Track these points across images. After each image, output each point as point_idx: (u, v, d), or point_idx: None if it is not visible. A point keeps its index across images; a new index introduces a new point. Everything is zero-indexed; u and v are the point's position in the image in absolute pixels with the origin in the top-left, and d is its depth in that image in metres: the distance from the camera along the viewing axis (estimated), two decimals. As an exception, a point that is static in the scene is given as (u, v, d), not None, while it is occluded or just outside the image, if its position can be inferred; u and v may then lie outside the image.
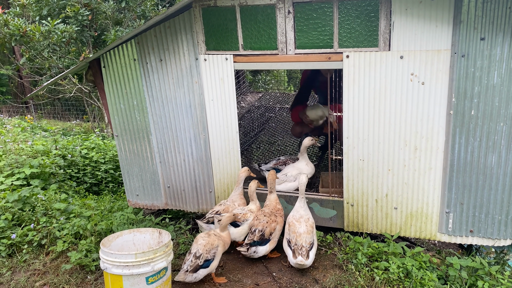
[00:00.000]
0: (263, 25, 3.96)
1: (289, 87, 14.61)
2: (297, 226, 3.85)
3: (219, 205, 4.34)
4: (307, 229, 3.83)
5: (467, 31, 3.43)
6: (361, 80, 3.83)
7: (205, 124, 4.47)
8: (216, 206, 4.35)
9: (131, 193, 5.09)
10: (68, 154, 6.84)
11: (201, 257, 3.57)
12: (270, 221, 4.01)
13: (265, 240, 3.98)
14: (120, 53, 4.49)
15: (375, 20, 3.64)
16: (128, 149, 4.90)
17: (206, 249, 3.60)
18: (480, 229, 3.93)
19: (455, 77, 3.56)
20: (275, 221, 4.03)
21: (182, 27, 4.18)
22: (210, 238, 3.68)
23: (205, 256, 3.58)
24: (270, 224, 4.00)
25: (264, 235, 3.96)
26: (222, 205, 4.33)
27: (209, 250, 3.61)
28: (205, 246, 3.62)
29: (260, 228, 3.97)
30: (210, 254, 3.61)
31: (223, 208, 4.28)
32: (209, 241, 3.65)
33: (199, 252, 3.59)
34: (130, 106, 4.68)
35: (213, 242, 3.67)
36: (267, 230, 3.97)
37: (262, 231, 3.96)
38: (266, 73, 14.20)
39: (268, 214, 4.06)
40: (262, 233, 3.95)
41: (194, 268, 3.55)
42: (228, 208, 4.27)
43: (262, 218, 4.04)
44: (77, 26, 9.05)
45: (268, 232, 3.97)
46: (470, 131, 3.67)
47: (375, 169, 4.07)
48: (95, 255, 4.05)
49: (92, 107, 12.32)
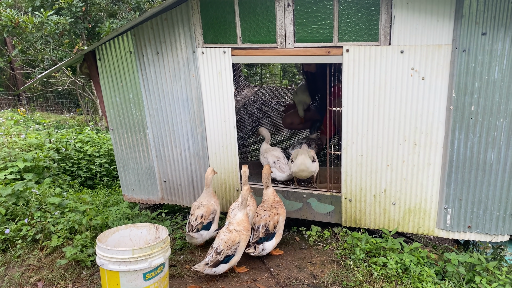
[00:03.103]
0: (262, 18, 3.90)
1: (284, 81, 14.54)
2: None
3: (198, 209, 4.14)
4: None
5: (468, 25, 3.40)
6: (360, 75, 3.79)
7: (202, 118, 4.42)
8: (196, 210, 4.14)
9: (127, 187, 5.04)
10: (62, 147, 6.76)
11: (221, 253, 3.57)
12: (272, 214, 3.98)
13: (271, 234, 3.95)
14: (116, 46, 4.42)
15: (376, 13, 3.60)
16: (123, 143, 4.83)
17: (227, 245, 3.59)
18: (478, 225, 3.93)
19: (455, 72, 3.53)
20: (277, 214, 4.01)
21: (179, 19, 4.11)
22: (232, 234, 3.65)
23: (226, 252, 3.58)
24: (273, 217, 3.97)
25: (269, 230, 3.93)
26: (201, 207, 4.16)
27: (230, 247, 3.60)
28: (226, 242, 3.60)
29: (263, 223, 3.93)
30: (231, 250, 3.60)
31: (205, 210, 4.12)
32: (230, 237, 3.63)
33: (220, 248, 3.58)
34: (126, 100, 4.61)
35: (235, 239, 3.64)
36: (270, 224, 3.93)
37: (266, 226, 3.92)
38: (262, 67, 14.13)
39: (269, 208, 4.03)
40: (266, 228, 3.92)
41: (215, 263, 3.55)
42: (209, 208, 4.14)
43: (263, 213, 4.00)
44: (70, 18, 8.91)
45: (272, 225, 3.95)
46: (470, 127, 3.65)
47: (373, 164, 4.04)
48: (90, 250, 4.00)
49: (85, 100, 12.19)
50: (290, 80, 14.66)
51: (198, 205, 4.20)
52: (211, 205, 4.17)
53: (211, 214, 4.14)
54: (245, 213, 3.82)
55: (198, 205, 4.19)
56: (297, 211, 4.50)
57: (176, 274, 3.82)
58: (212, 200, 4.23)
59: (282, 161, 4.73)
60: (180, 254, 4.18)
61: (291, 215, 4.55)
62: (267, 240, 3.94)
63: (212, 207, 4.18)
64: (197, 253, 4.20)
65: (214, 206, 4.19)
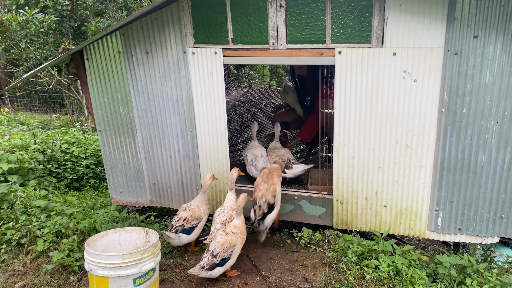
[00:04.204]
0: (254, 19, 3.86)
1: (272, 82, 14.53)
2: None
3: (184, 211, 4.08)
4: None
5: (460, 28, 3.40)
6: (353, 77, 3.78)
7: (192, 119, 4.35)
8: (181, 212, 4.08)
9: (115, 190, 4.94)
10: (48, 148, 6.61)
11: (218, 256, 3.52)
12: (268, 185, 4.02)
13: (271, 206, 3.99)
14: (104, 45, 4.33)
15: (369, 15, 3.58)
16: (111, 145, 4.74)
17: (223, 248, 3.55)
18: (469, 227, 3.94)
19: (447, 75, 3.54)
20: (273, 184, 4.04)
21: (169, 19, 4.04)
22: (229, 237, 3.60)
23: (222, 255, 3.53)
24: (270, 186, 4.02)
25: (269, 202, 3.96)
26: (188, 210, 4.08)
27: (226, 249, 3.55)
28: (223, 245, 3.56)
29: (264, 200, 3.97)
30: (227, 253, 3.56)
31: (190, 214, 4.05)
32: (227, 240, 3.58)
33: (216, 250, 3.53)
34: (114, 100, 4.52)
35: (231, 241, 3.60)
36: (269, 196, 3.98)
37: (267, 200, 3.96)
38: (250, 68, 14.09)
39: (265, 181, 4.07)
40: (267, 202, 3.96)
41: (211, 266, 3.50)
42: (195, 213, 4.06)
43: (262, 186, 4.03)
44: (56, 16, 8.75)
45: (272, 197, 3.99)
46: (462, 129, 3.66)
47: (365, 166, 4.03)
48: (78, 254, 3.90)
49: (70, 100, 11.98)
50: (278, 81, 14.66)
51: (186, 207, 4.13)
52: (197, 211, 4.09)
53: (195, 220, 4.05)
54: (242, 219, 3.80)
55: (186, 207, 4.13)
56: (288, 214, 4.47)
57: (166, 279, 3.75)
58: (202, 207, 4.14)
59: (259, 160, 4.70)
60: (169, 258, 4.11)
61: (283, 218, 4.52)
62: (269, 213, 4.00)
63: (199, 213, 4.09)
64: (187, 256, 4.14)
65: (201, 213, 4.10)
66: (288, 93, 6.09)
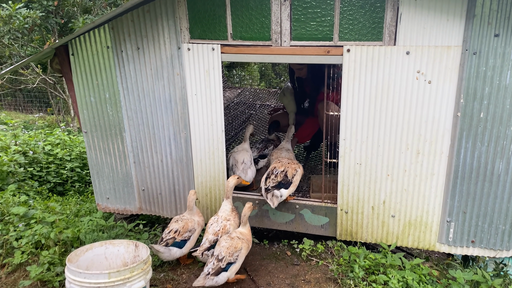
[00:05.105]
0: (256, 13, 3.55)
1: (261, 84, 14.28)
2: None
3: (175, 222, 3.73)
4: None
5: (480, 26, 3.14)
6: (362, 77, 3.50)
7: (186, 121, 4.03)
8: (173, 224, 3.74)
9: (101, 196, 4.58)
10: (30, 150, 6.21)
11: (223, 260, 3.29)
12: (290, 162, 4.03)
13: (289, 182, 3.91)
14: (92, 40, 3.98)
15: (381, 11, 3.31)
16: (98, 147, 4.39)
17: (229, 251, 3.33)
18: (483, 240, 3.68)
19: (464, 76, 3.28)
20: (295, 169, 3.98)
21: (163, 11, 3.72)
22: (234, 241, 3.40)
23: (228, 259, 3.32)
24: (291, 165, 3.98)
25: (287, 176, 3.90)
26: (179, 221, 3.75)
27: (232, 253, 3.34)
28: (228, 248, 3.34)
29: (282, 169, 3.91)
30: (233, 257, 3.35)
31: (182, 225, 3.70)
32: (232, 244, 3.38)
33: (222, 254, 3.31)
34: (101, 99, 4.18)
35: (237, 245, 3.39)
36: (289, 170, 3.92)
37: (285, 171, 3.90)
38: (242, 69, 13.83)
39: (287, 161, 4.05)
40: (285, 174, 3.90)
41: (216, 271, 3.25)
42: (188, 224, 3.72)
43: (284, 161, 4.04)
44: (41, 12, 8.35)
45: (291, 173, 3.93)
46: (478, 135, 3.40)
47: (373, 174, 3.75)
48: (59, 268, 3.54)
49: (57, 99, 11.55)
50: (267, 83, 14.42)
51: (178, 218, 3.79)
52: (190, 222, 3.74)
53: (188, 232, 3.70)
54: (248, 227, 3.61)
55: (178, 218, 3.78)
56: (288, 223, 4.17)
57: (157, 296, 3.42)
58: (195, 218, 3.81)
59: (238, 166, 4.38)
60: (160, 272, 3.77)
61: (282, 227, 4.21)
62: (285, 187, 3.88)
63: (192, 224, 3.74)
64: (179, 270, 3.81)
65: (194, 225, 3.76)
66: (285, 95, 5.81)
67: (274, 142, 5.18)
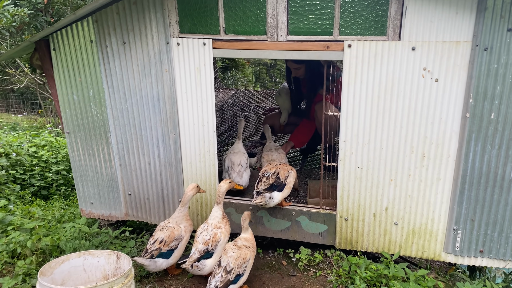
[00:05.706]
0: (250, 5, 3.31)
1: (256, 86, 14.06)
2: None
3: (160, 231, 3.44)
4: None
5: (492, 20, 2.91)
6: (364, 75, 3.26)
7: (176, 121, 3.77)
8: (157, 233, 3.45)
9: (85, 201, 4.31)
10: (13, 152, 5.92)
11: (232, 271, 3.04)
12: (282, 164, 3.87)
13: (282, 184, 3.70)
14: (74, 33, 3.72)
15: (385, 3, 3.07)
16: (81, 149, 4.12)
17: (238, 263, 3.09)
18: (492, 249, 3.44)
19: (474, 74, 3.05)
20: (287, 171, 3.81)
21: (150, 3, 3.47)
22: (242, 251, 3.16)
23: (237, 271, 3.07)
24: (284, 166, 3.83)
25: (280, 178, 3.71)
26: (165, 229, 3.45)
27: (240, 264, 3.10)
28: (237, 259, 3.10)
29: (273, 171, 3.74)
30: (241, 269, 3.10)
31: (167, 234, 3.40)
32: (241, 254, 3.13)
33: (230, 266, 3.05)
34: (85, 98, 3.91)
35: (246, 256, 3.15)
36: (281, 172, 3.73)
37: (276, 173, 3.72)
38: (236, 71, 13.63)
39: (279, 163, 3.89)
40: (277, 175, 3.72)
41: (225, 284, 3.00)
42: (174, 233, 3.42)
43: (275, 163, 3.90)
44: (30, 10, 8.07)
45: (283, 175, 3.74)
46: (488, 138, 3.16)
47: (375, 178, 3.51)
48: (35, 280, 3.26)
49: (49, 100, 11.25)
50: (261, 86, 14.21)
51: (163, 226, 3.48)
52: (176, 230, 3.45)
53: (174, 240, 3.40)
54: (250, 232, 3.41)
55: (163, 226, 3.48)
56: (284, 231, 3.91)
57: (141, 310, 3.15)
58: (182, 224, 3.51)
59: (234, 169, 4.14)
60: (146, 283, 3.50)
61: (278, 235, 3.95)
62: (278, 190, 3.68)
63: (178, 232, 3.45)
64: (166, 281, 3.53)
65: (181, 232, 3.47)
66: (280, 95, 5.58)
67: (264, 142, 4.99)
